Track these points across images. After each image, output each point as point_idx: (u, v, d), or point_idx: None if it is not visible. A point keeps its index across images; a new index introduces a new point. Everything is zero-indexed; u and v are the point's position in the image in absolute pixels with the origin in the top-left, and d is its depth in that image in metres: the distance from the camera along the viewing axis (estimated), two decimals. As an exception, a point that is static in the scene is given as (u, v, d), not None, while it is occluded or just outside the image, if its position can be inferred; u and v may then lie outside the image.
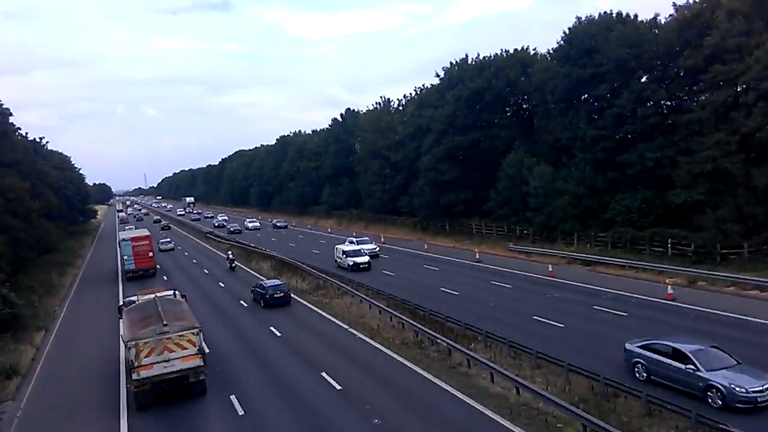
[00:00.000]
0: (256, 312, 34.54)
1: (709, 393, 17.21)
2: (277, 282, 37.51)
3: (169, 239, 74.02)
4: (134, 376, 19.97)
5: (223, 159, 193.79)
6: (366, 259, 46.28)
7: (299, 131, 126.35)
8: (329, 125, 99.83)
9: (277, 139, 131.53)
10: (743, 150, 35.87)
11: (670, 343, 18.94)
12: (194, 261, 60.36)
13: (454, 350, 23.23)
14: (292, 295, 36.32)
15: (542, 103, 51.76)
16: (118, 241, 60.13)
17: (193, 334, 20.69)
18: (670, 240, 37.89)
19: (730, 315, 26.27)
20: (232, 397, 20.94)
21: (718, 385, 16.89)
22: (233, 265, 51.35)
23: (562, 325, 26.59)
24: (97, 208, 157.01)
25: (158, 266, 52.28)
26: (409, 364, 23.13)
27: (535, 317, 28.17)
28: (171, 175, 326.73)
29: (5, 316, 30.27)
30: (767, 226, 34.15)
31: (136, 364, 19.78)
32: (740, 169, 35.24)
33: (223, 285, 44.59)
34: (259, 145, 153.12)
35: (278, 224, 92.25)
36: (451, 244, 56.31)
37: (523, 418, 17.31)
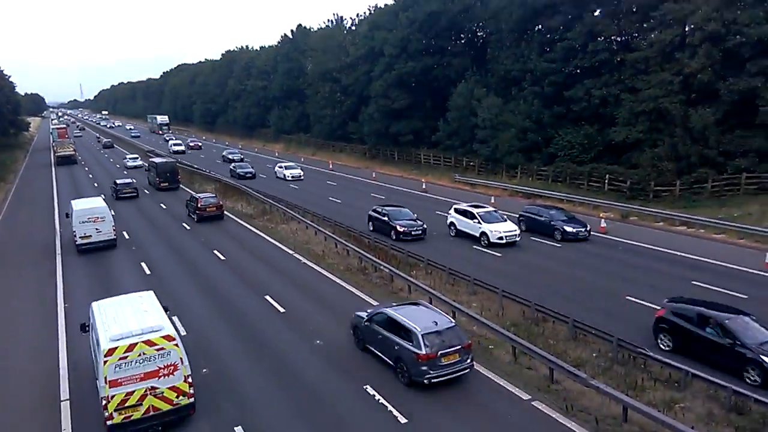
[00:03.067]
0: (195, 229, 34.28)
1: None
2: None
3: None
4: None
5: (164, 72, 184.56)
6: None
7: (246, 47, 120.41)
8: (278, 42, 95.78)
9: (222, 54, 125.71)
10: (684, 90, 37.02)
11: None
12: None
13: (396, 276, 23.92)
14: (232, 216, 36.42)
15: (496, 31, 51.31)
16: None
17: None
18: (607, 176, 39.35)
19: (656, 248, 27.95)
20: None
21: None
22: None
23: (499, 255, 27.69)
24: (30, 120, 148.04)
25: None
26: (352, 289, 23.72)
27: (475, 247, 29.14)
28: (109, 87, 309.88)
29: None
30: (699, 165, 35.88)
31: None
32: (679, 109, 36.46)
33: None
34: (203, 59, 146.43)
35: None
36: (399, 174, 56.66)
37: (458, 341, 18.19)
